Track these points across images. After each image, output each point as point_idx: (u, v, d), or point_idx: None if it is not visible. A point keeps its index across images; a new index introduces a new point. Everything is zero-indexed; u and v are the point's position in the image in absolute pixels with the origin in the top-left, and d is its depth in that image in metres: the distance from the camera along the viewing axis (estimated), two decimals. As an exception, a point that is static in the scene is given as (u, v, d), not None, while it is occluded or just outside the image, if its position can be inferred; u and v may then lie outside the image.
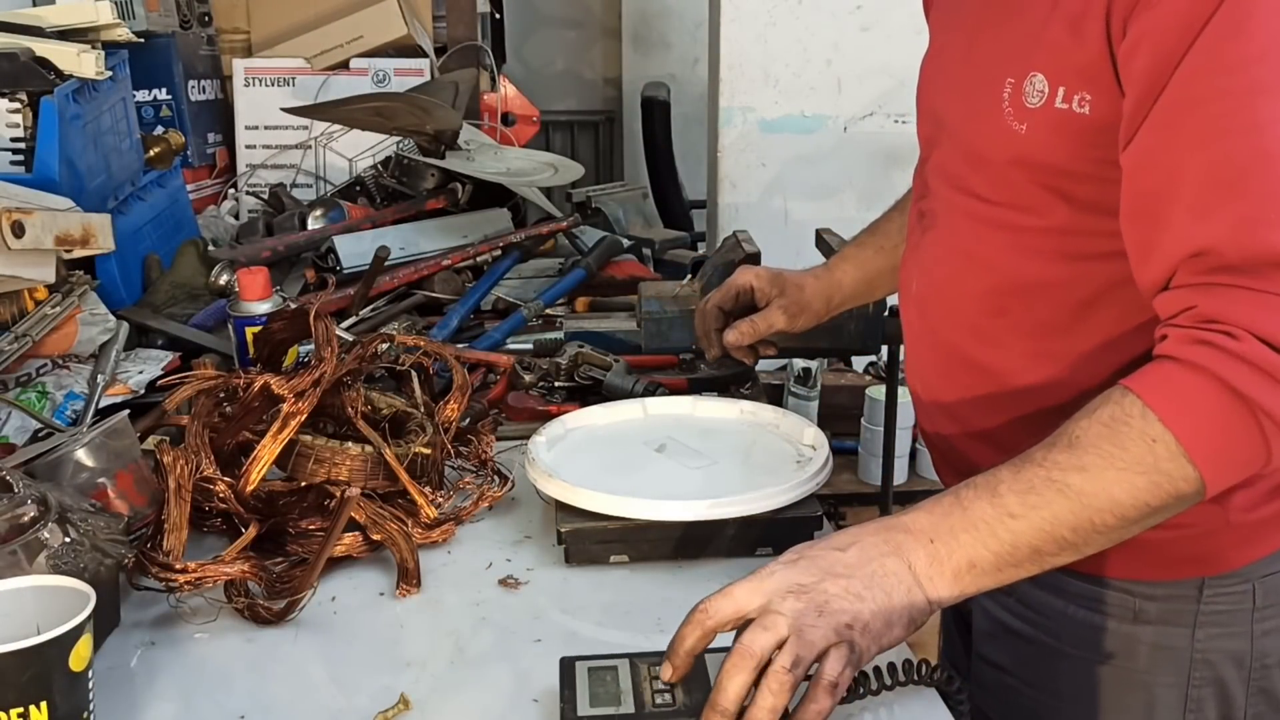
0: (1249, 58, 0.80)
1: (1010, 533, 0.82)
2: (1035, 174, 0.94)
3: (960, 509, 0.83)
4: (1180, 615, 1.00)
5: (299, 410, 1.08)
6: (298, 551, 1.09)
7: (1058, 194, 0.94)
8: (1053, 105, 0.89)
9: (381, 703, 0.88)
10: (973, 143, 0.99)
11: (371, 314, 1.81)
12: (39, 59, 1.62)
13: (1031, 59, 0.91)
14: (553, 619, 1.03)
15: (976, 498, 0.83)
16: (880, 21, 2.67)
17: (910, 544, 0.83)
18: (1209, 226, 0.81)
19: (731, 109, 2.76)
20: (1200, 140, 0.82)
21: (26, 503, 0.94)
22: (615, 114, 4.91)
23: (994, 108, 0.94)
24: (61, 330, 1.45)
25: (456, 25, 2.74)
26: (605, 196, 2.89)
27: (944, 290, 1.06)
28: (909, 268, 1.14)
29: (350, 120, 2.35)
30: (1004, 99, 0.93)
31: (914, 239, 1.13)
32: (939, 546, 0.82)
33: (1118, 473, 0.80)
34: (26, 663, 0.75)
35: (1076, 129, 0.89)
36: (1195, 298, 0.83)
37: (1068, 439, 0.83)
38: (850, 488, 2.07)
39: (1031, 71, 0.91)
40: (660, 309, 1.53)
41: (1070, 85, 0.88)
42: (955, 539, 0.82)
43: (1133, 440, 0.80)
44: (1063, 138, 0.90)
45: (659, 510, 1.07)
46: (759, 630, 0.79)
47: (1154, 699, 1.02)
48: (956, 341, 1.06)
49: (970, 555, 0.82)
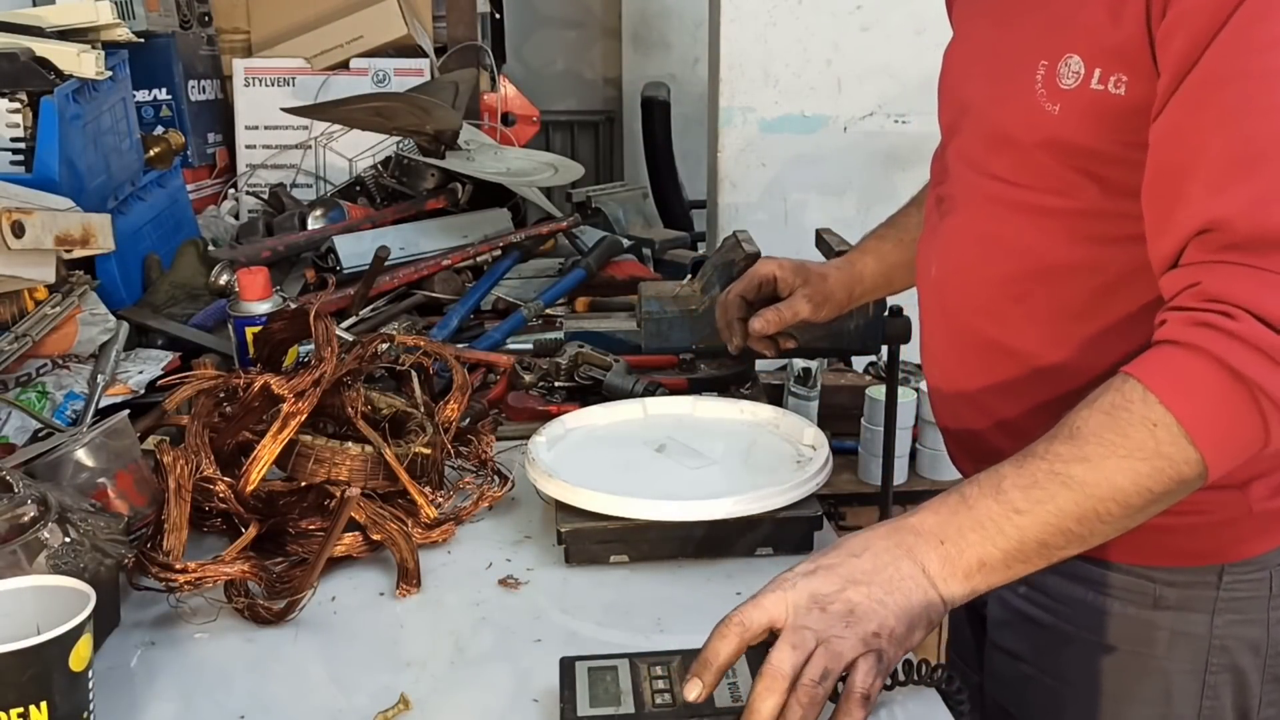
0: (1277, 40, 0.81)
1: (1017, 529, 0.82)
2: (1066, 156, 0.94)
3: (966, 508, 0.83)
4: (1200, 602, 1.01)
5: (299, 410, 1.08)
6: (298, 551, 1.09)
7: (1087, 176, 0.94)
8: (1088, 86, 0.90)
9: (381, 703, 0.88)
10: (999, 125, 1.00)
11: (371, 314, 1.81)
12: (39, 59, 1.62)
13: (1066, 41, 0.91)
14: (553, 619, 1.03)
15: (981, 495, 0.83)
16: (880, 21, 2.67)
17: (921, 546, 0.83)
18: (1223, 201, 0.82)
19: (731, 109, 2.76)
20: (1223, 118, 0.83)
21: (26, 503, 0.94)
22: (615, 114, 4.91)
23: (1025, 90, 0.94)
24: (61, 330, 1.45)
25: (456, 25, 2.74)
26: (605, 196, 2.89)
27: (963, 274, 1.06)
28: (927, 252, 1.14)
29: (350, 120, 2.35)
30: (1036, 80, 0.93)
31: (932, 224, 1.13)
32: (949, 547, 0.83)
33: (1119, 460, 0.81)
34: (26, 663, 0.75)
35: (1111, 110, 0.90)
36: (1200, 275, 0.83)
37: (1069, 430, 0.83)
38: (850, 488, 2.07)
39: (1067, 53, 0.91)
40: (660, 309, 1.53)
41: (1107, 66, 0.89)
42: (964, 538, 0.83)
43: (1134, 426, 0.81)
44: (1097, 119, 0.91)
45: (659, 510, 1.07)
46: (787, 649, 0.78)
47: (1171, 685, 1.03)
48: (976, 326, 1.06)
49: (979, 554, 0.83)
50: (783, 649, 0.79)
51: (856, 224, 1.46)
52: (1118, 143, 0.91)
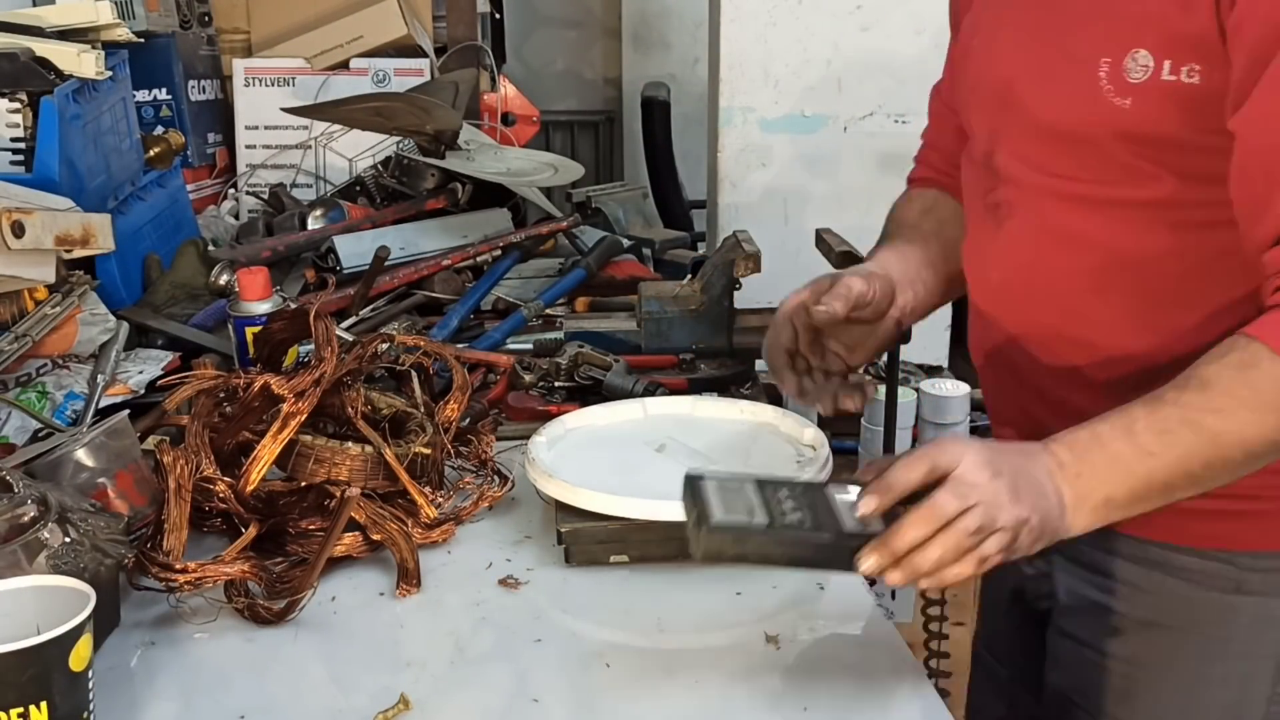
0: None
1: (1146, 469, 0.87)
2: (1140, 148, 0.95)
3: (1099, 445, 0.87)
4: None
5: (299, 410, 1.08)
6: (298, 551, 1.09)
7: (1163, 166, 0.95)
8: (1159, 78, 0.92)
9: (381, 703, 0.88)
10: (1062, 125, 1.00)
11: (371, 314, 1.80)
12: (39, 59, 1.62)
13: (1132, 36, 0.93)
14: (553, 619, 1.03)
15: (1114, 436, 0.87)
16: (880, 21, 2.66)
17: (1060, 476, 0.87)
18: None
19: (731, 109, 2.76)
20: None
21: (26, 503, 0.94)
22: (615, 114, 4.91)
23: (1089, 88, 0.95)
24: (61, 330, 1.45)
25: (456, 25, 2.74)
26: (605, 196, 2.89)
27: (1032, 273, 1.06)
28: (981, 261, 1.12)
29: (350, 120, 2.35)
30: (1100, 78, 0.94)
31: (986, 232, 1.10)
32: (1083, 482, 0.87)
33: (1249, 413, 0.86)
34: (26, 663, 0.75)
35: (1186, 99, 0.91)
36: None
37: (1198, 381, 0.87)
38: (850, 488, 2.07)
39: (1133, 48, 0.92)
40: (660, 309, 1.53)
41: (1178, 57, 0.91)
42: (1096, 475, 0.87)
43: (1264, 382, 0.85)
44: (1172, 109, 0.92)
45: (659, 510, 1.07)
46: (953, 497, 0.82)
47: (1249, 671, 1.04)
48: (1048, 322, 1.06)
49: (1108, 491, 0.87)
50: (949, 494, 0.82)
51: (856, 224, 1.46)
52: (1196, 129, 0.92)
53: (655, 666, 0.96)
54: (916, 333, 1.33)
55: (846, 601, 1.06)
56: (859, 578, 1.08)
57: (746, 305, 1.56)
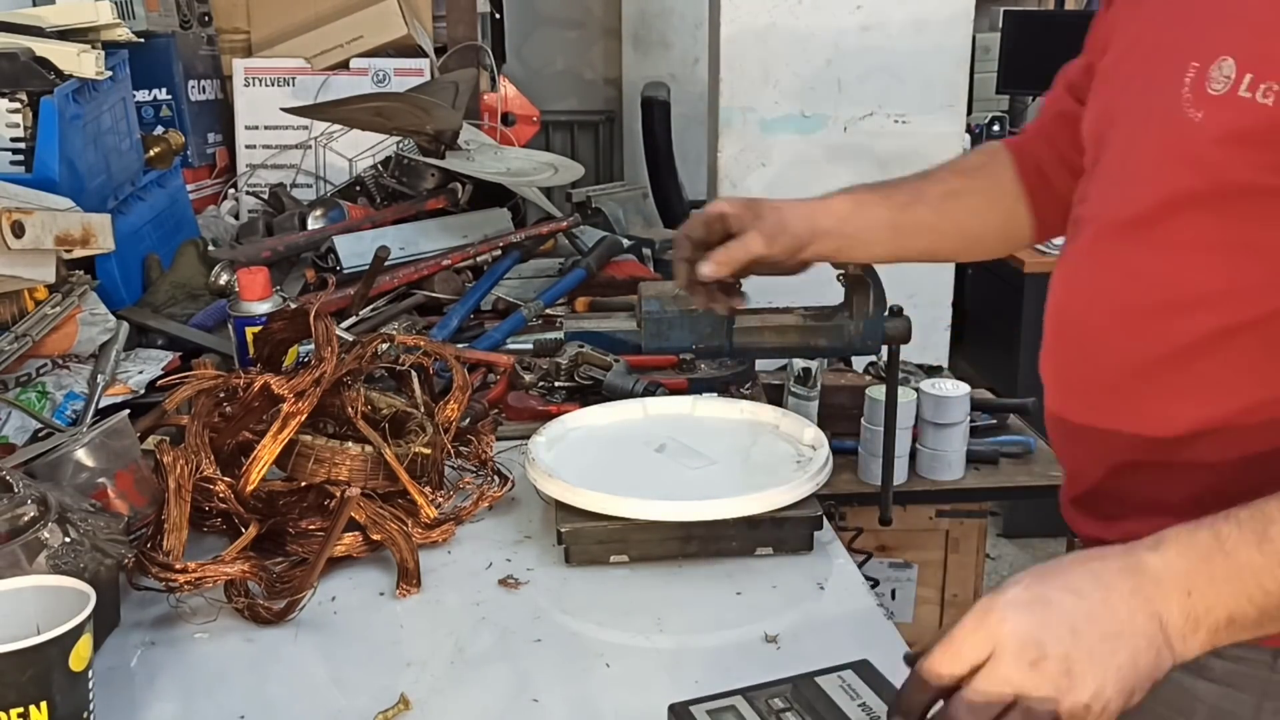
0: None
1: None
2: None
3: (1223, 554, 0.72)
4: (1247, 681, 0.92)
5: (299, 410, 1.08)
6: (298, 551, 1.09)
7: None
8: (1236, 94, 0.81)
9: (381, 703, 0.88)
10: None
11: (371, 314, 1.81)
12: (39, 59, 1.62)
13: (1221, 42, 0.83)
14: (553, 619, 1.03)
15: (1242, 541, 0.72)
16: (880, 21, 2.67)
17: (1161, 596, 0.71)
18: None
19: (731, 109, 2.76)
20: None
21: (26, 503, 0.94)
22: (615, 114, 4.91)
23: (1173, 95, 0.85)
24: (61, 330, 1.45)
25: (456, 25, 2.74)
26: (605, 196, 2.89)
27: (1099, 294, 0.96)
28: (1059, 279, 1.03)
29: (350, 120, 2.35)
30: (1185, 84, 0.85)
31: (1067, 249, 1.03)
32: (1197, 600, 0.71)
33: None
34: (26, 663, 0.75)
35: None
36: None
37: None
38: (850, 488, 2.06)
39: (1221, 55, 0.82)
40: (660, 309, 1.53)
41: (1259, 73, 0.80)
42: (1215, 590, 0.72)
43: None
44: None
45: (659, 510, 1.07)
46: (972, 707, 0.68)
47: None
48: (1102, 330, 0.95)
49: (1232, 610, 0.72)
50: (968, 702, 0.68)
51: (856, 224, 1.45)
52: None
53: (655, 666, 0.96)
54: (916, 333, 1.33)
55: (846, 601, 1.06)
56: (859, 577, 1.09)
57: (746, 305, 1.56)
